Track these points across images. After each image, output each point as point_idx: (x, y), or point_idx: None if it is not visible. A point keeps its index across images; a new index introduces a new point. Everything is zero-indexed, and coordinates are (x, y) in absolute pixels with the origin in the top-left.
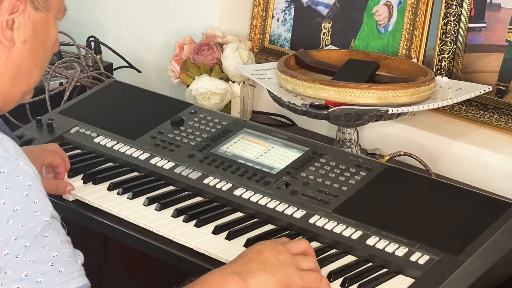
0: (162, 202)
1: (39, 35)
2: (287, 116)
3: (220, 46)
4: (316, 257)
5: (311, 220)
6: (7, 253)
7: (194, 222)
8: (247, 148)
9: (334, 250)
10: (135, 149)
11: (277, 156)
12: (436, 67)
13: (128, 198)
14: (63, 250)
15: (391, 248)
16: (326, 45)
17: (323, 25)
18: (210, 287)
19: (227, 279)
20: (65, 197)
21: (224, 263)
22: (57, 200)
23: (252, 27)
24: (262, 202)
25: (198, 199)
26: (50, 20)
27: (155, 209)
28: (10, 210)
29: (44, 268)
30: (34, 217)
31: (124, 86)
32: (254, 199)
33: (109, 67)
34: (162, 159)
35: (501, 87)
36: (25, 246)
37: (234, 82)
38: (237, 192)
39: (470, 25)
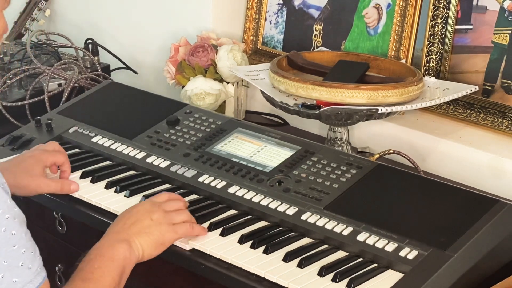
0: None
1: None
2: (279, 116)
3: (214, 48)
4: (308, 253)
5: (303, 217)
6: None
7: None
8: (241, 147)
9: (325, 246)
10: (132, 148)
11: (270, 154)
12: (424, 67)
13: (125, 196)
14: (28, 245)
15: (381, 243)
16: (317, 47)
17: (314, 27)
18: (107, 258)
19: (117, 248)
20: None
21: (220, 259)
22: (56, 198)
23: (245, 29)
24: (256, 199)
25: (193, 196)
26: None
27: None
28: None
29: (17, 270)
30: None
31: (121, 87)
32: (247, 196)
33: (107, 69)
34: (158, 158)
35: (487, 87)
36: None
37: (228, 83)
38: (231, 190)
39: (457, 27)
